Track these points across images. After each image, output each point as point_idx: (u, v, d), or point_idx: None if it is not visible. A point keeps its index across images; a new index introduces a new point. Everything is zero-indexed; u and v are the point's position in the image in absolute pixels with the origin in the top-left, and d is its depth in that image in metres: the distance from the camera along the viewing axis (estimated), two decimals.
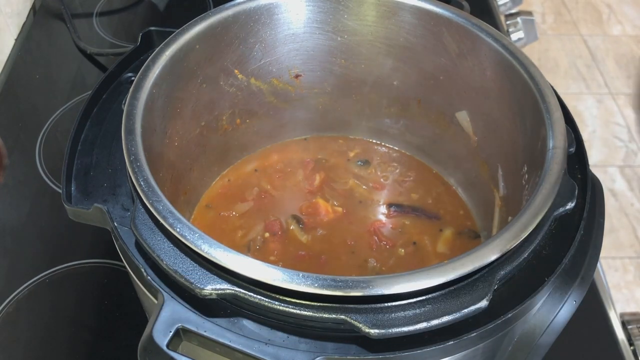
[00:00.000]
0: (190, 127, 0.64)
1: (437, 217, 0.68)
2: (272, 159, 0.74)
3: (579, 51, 2.24)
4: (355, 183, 0.71)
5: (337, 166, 0.73)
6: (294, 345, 0.43)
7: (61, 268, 0.70)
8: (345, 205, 0.69)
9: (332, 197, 0.70)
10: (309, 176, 0.72)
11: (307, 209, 0.68)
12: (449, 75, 0.65)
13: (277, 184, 0.71)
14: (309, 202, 0.69)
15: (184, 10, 1.05)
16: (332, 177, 0.72)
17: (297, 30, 0.66)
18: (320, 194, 0.70)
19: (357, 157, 0.74)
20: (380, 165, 0.73)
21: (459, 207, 0.69)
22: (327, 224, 0.67)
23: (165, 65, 0.57)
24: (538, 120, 0.53)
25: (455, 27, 0.62)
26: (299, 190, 0.71)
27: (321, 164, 0.73)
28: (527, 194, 0.53)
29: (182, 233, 0.44)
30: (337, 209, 0.68)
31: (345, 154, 0.75)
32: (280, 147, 0.75)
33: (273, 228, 0.66)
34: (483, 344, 0.46)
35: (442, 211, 0.69)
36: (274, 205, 0.69)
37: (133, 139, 0.50)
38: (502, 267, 0.45)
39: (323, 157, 0.74)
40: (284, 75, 0.70)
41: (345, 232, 0.66)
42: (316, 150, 0.75)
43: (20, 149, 0.83)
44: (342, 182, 0.71)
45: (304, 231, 0.66)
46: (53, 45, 1.00)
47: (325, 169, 0.73)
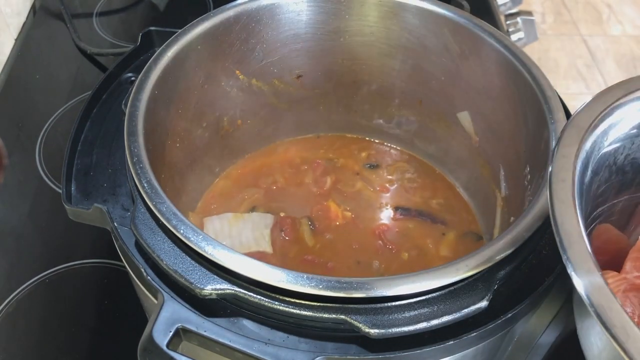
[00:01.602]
0: (192, 128, 0.64)
1: (443, 222, 0.67)
2: (273, 159, 0.74)
3: (579, 51, 2.24)
4: (363, 185, 0.71)
5: (345, 167, 0.73)
6: (294, 345, 0.43)
7: (61, 268, 0.70)
8: (354, 210, 0.68)
9: (339, 199, 0.69)
10: (317, 177, 0.72)
11: (318, 211, 0.68)
12: (450, 75, 0.65)
13: (279, 184, 0.71)
14: (321, 204, 0.68)
15: (184, 11, 1.05)
16: (340, 179, 0.72)
17: (299, 30, 0.66)
18: (323, 195, 0.70)
19: (359, 157, 0.74)
20: (380, 164, 0.73)
21: (463, 210, 0.69)
22: (335, 228, 0.67)
23: (166, 66, 0.57)
24: (540, 121, 0.53)
25: (457, 28, 0.62)
26: (305, 192, 0.70)
27: (328, 164, 0.73)
28: (530, 195, 0.53)
29: (185, 235, 0.44)
30: (347, 213, 0.68)
31: (350, 155, 0.74)
32: (280, 147, 0.75)
33: (284, 225, 0.66)
34: (483, 344, 0.46)
35: (446, 214, 0.68)
36: (281, 206, 0.69)
37: (135, 141, 0.51)
38: (502, 267, 0.45)
39: (328, 158, 0.74)
40: (285, 76, 0.70)
41: (351, 236, 0.66)
42: (318, 151, 0.75)
43: (20, 149, 0.83)
44: (350, 184, 0.71)
45: (314, 235, 0.66)
46: (53, 45, 1.00)
47: (329, 170, 0.72)
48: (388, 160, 0.74)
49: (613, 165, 0.46)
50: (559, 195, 0.39)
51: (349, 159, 0.74)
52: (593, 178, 0.43)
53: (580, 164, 0.41)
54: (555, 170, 0.40)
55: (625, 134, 0.45)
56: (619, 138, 0.45)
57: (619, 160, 0.46)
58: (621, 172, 0.47)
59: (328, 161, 0.74)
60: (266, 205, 0.68)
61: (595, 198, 0.45)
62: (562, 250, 0.37)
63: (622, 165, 0.46)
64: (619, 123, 0.44)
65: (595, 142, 0.43)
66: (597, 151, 0.43)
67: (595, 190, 0.45)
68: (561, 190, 0.39)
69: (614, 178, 0.46)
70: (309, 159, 0.74)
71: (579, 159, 0.41)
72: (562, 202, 0.38)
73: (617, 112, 0.44)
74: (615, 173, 0.46)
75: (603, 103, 0.44)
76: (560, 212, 0.38)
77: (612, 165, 0.46)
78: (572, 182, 0.39)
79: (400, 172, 0.73)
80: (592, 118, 0.43)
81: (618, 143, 0.45)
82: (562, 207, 0.38)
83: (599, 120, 0.43)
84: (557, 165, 0.40)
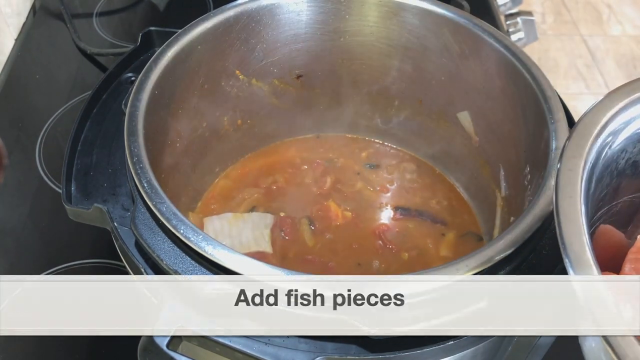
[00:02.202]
0: (192, 128, 0.64)
1: (443, 222, 0.67)
2: (273, 159, 0.74)
3: (579, 51, 2.24)
4: (363, 185, 0.71)
5: (345, 167, 0.73)
6: (294, 345, 0.43)
7: (61, 268, 0.70)
8: (354, 210, 0.68)
9: (339, 199, 0.69)
10: (317, 177, 0.72)
11: (318, 211, 0.68)
12: (450, 75, 0.65)
13: (279, 184, 0.71)
14: (321, 204, 0.68)
15: (184, 11, 1.05)
16: (340, 179, 0.72)
17: (299, 30, 0.66)
18: (324, 195, 0.70)
19: (360, 157, 0.74)
20: (380, 164, 0.73)
21: (464, 211, 0.69)
22: (335, 228, 0.67)
23: (167, 66, 0.57)
24: (540, 120, 0.53)
25: (457, 28, 0.62)
26: (305, 192, 0.70)
27: (328, 164, 0.73)
28: (530, 194, 0.53)
29: (185, 235, 0.44)
30: (347, 213, 0.68)
31: (351, 155, 0.74)
32: (280, 147, 0.75)
33: (284, 225, 0.66)
34: (483, 344, 0.46)
35: (446, 214, 0.68)
36: (281, 206, 0.69)
37: (135, 141, 0.51)
38: (502, 267, 0.45)
39: (328, 158, 0.74)
40: (285, 76, 0.70)
41: (351, 237, 0.66)
42: (318, 150, 0.75)
43: (20, 149, 0.83)
44: (350, 184, 0.71)
45: (314, 235, 0.66)
46: (53, 45, 1.00)
47: (330, 170, 0.72)
48: (388, 160, 0.74)
49: (615, 170, 0.45)
50: (567, 214, 0.38)
51: (349, 159, 0.74)
52: (597, 185, 0.43)
53: (585, 176, 0.40)
54: (561, 185, 0.39)
55: (628, 138, 0.45)
56: (622, 143, 0.44)
57: (621, 164, 0.46)
58: (622, 175, 0.47)
59: (328, 161, 0.73)
60: (266, 205, 0.68)
61: (597, 203, 0.45)
62: (569, 270, 0.36)
63: (623, 169, 0.46)
64: (623, 129, 0.44)
65: (600, 151, 0.42)
66: (601, 159, 0.43)
67: (597, 195, 0.44)
68: (569, 207, 0.38)
69: (614, 182, 0.46)
70: (309, 159, 0.74)
71: (584, 171, 0.40)
72: (570, 221, 0.37)
73: (619, 118, 0.44)
74: (616, 177, 0.46)
75: (605, 110, 0.43)
76: (569, 233, 0.37)
77: (614, 170, 0.45)
78: (579, 197, 0.39)
79: (400, 172, 0.73)
80: (595, 127, 0.42)
81: (621, 148, 0.45)
82: (571, 227, 0.37)
83: (602, 129, 0.42)
84: (563, 180, 0.40)
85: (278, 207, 0.68)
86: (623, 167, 0.46)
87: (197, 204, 0.69)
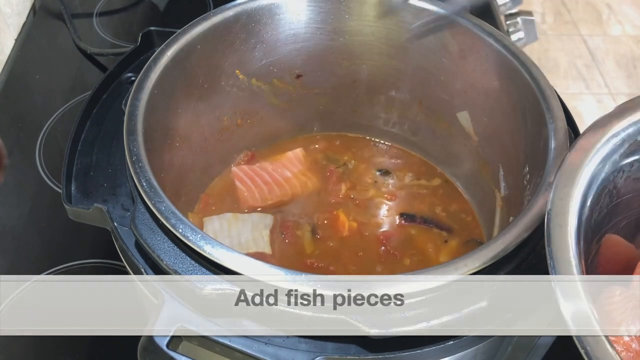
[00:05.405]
0: (192, 127, 0.64)
1: (448, 229, 0.67)
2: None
3: (579, 51, 2.24)
4: (375, 191, 0.71)
5: (356, 171, 0.73)
6: (294, 345, 0.43)
7: (61, 268, 0.70)
8: (358, 216, 0.68)
9: (340, 201, 0.69)
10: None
11: (318, 211, 0.67)
12: (450, 75, 0.65)
13: None
14: (321, 204, 0.68)
15: (184, 10, 1.05)
16: (342, 180, 0.71)
17: (299, 30, 0.66)
18: (324, 195, 0.70)
19: (360, 156, 0.74)
20: (379, 163, 0.73)
21: (469, 218, 0.69)
22: (336, 228, 0.67)
23: (166, 65, 0.57)
24: (539, 120, 0.53)
25: (457, 28, 0.62)
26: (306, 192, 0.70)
27: (328, 164, 0.73)
28: (529, 194, 0.53)
29: (184, 234, 0.44)
30: (353, 223, 0.67)
31: (350, 153, 0.74)
32: (280, 147, 0.75)
33: (284, 229, 0.66)
34: (483, 344, 0.46)
35: (451, 221, 0.68)
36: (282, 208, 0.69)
37: (135, 140, 0.51)
38: (502, 267, 0.45)
39: (325, 157, 0.74)
40: (285, 75, 0.70)
41: (355, 245, 0.66)
42: (317, 150, 0.75)
43: (20, 149, 0.83)
44: (358, 189, 0.71)
45: (313, 236, 0.65)
46: (53, 45, 1.00)
47: (333, 172, 0.72)
48: (388, 160, 0.74)
49: (614, 190, 0.46)
50: (557, 245, 0.39)
51: (351, 158, 0.74)
52: (593, 208, 0.43)
53: (578, 202, 0.41)
54: (553, 214, 0.41)
55: (623, 159, 0.45)
56: (617, 165, 0.45)
57: (619, 183, 0.46)
58: (622, 193, 0.47)
59: (328, 161, 0.74)
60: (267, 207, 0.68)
61: (598, 222, 0.45)
62: (560, 300, 0.37)
63: (622, 187, 0.46)
64: (616, 152, 0.44)
65: (593, 175, 0.43)
66: (595, 183, 0.43)
67: (597, 216, 0.45)
68: (558, 237, 0.40)
69: (615, 200, 0.46)
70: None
71: (577, 199, 0.41)
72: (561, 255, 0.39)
73: (613, 141, 0.44)
74: (616, 196, 0.46)
75: (597, 134, 0.44)
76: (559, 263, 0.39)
77: (613, 190, 0.45)
78: (568, 225, 0.40)
79: (403, 178, 0.72)
80: (588, 153, 0.43)
81: (616, 169, 0.45)
82: (561, 255, 0.39)
83: (595, 153, 0.43)
84: (554, 209, 0.41)
85: (278, 208, 0.68)
86: (622, 185, 0.46)
87: (197, 204, 0.69)
